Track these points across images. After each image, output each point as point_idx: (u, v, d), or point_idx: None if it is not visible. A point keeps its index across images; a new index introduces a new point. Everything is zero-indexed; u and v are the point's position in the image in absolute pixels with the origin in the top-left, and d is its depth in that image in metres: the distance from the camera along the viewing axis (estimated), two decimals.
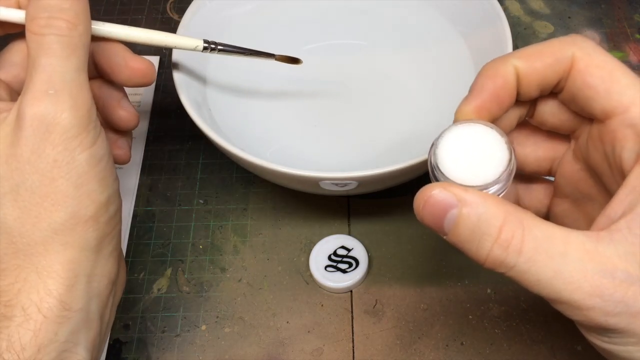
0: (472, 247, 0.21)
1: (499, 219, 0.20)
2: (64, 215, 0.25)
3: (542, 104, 0.25)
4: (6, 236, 0.24)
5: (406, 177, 0.34)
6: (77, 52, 0.25)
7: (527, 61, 0.23)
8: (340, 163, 0.39)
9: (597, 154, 0.24)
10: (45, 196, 0.24)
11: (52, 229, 0.24)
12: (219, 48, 0.34)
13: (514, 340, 0.35)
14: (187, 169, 0.42)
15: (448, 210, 0.21)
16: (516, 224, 0.20)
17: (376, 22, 0.44)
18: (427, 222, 0.22)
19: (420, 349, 0.35)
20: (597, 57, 0.23)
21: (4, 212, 0.24)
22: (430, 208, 0.22)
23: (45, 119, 0.24)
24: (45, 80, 0.24)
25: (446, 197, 0.21)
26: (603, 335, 0.21)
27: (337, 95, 0.43)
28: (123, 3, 0.52)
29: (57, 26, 0.25)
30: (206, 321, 0.36)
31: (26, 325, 0.24)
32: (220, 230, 0.40)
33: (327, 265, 0.37)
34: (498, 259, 0.20)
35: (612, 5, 0.50)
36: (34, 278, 0.24)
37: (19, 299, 0.24)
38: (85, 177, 0.25)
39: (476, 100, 0.24)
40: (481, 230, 0.21)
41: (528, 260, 0.20)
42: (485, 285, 0.37)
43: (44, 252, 0.24)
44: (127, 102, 0.32)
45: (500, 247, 0.20)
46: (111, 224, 0.27)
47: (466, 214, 0.21)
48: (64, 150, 0.24)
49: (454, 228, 0.21)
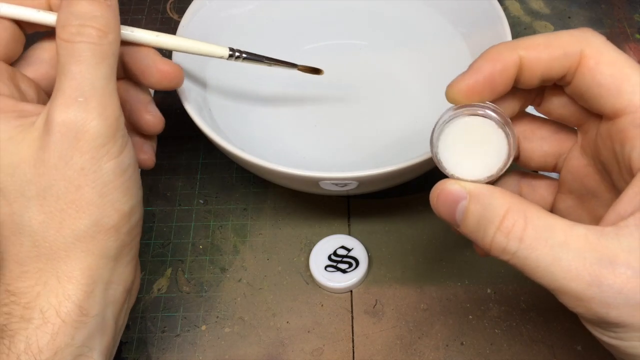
0: (479, 236, 0.22)
1: (502, 208, 0.21)
2: (87, 222, 0.25)
3: (550, 94, 0.25)
4: (30, 239, 0.25)
5: (406, 177, 0.34)
6: (107, 60, 0.25)
7: (533, 51, 0.23)
8: (340, 163, 0.39)
9: (606, 151, 0.24)
10: (70, 203, 0.25)
11: (74, 235, 0.25)
12: (243, 56, 0.34)
13: (514, 340, 0.35)
14: (187, 169, 0.42)
15: (458, 202, 0.23)
16: (519, 213, 0.21)
17: (376, 22, 0.44)
18: (442, 213, 0.23)
19: (420, 349, 0.35)
20: (608, 53, 0.22)
21: (30, 215, 0.25)
22: (443, 200, 0.23)
23: (74, 125, 0.24)
24: (74, 88, 0.24)
25: (456, 189, 0.23)
26: (608, 331, 0.21)
27: (337, 95, 0.43)
28: (123, 3, 0.52)
29: (88, 34, 0.25)
30: (206, 321, 0.36)
31: (44, 328, 0.24)
32: (220, 230, 0.40)
33: (327, 265, 0.37)
34: (500, 246, 0.21)
35: (612, 5, 0.50)
36: (54, 282, 0.25)
37: (38, 302, 0.24)
38: (110, 187, 0.25)
39: (470, 79, 0.24)
40: (486, 219, 0.22)
41: (528, 247, 0.21)
42: (485, 285, 0.37)
43: (65, 258, 0.25)
44: (153, 106, 0.32)
45: (502, 234, 0.21)
46: (132, 233, 0.27)
47: (473, 205, 0.22)
48: (91, 158, 0.25)
49: (463, 219, 0.23)
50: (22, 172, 0.24)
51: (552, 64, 0.23)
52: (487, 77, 0.23)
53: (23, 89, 0.28)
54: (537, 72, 0.23)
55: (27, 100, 0.28)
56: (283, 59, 0.36)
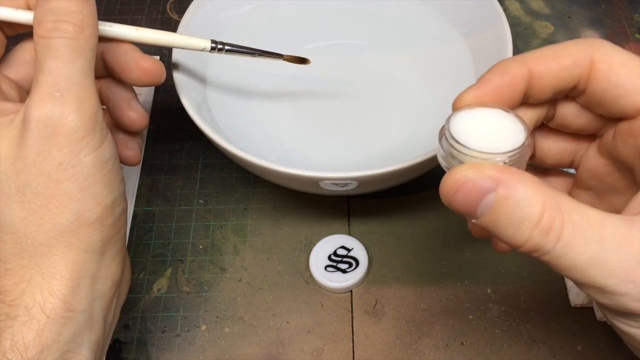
0: (509, 232, 0.20)
1: (538, 204, 0.20)
2: (68, 217, 0.25)
3: (563, 107, 0.25)
4: (12, 236, 0.24)
5: (406, 177, 0.34)
6: (84, 55, 0.25)
7: (542, 63, 0.23)
8: (340, 163, 0.39)
9: (627, 148, 0.23)
10: (50, 198, 0.24)
11: (56, 230, 0.25)
12: (226, 48, 0.34)
13: (514, 340, 0.35)
14: (187, 169, 0.42)
15: (485, 195, 0.20)
16: (556, 208, 0.20)
17: (376, 22, 0.44)
18: (457, 207, 0.21)
19: (420, 349, 0.35)
20: (618, 55, 0.22)
21: (10, 212, 0.24)
22: (465, 194, 0.20)
23: (51, 121, 0.24)
24: (51, 83, 0.24)
25: (483, 181, 0.20)
26: (630, 320, 0.21)
27: (337, 95, 0.43)
28: (123, 3, 0.52)
29: (64, 29, 0.25)
30: (206, 321, 0.36)
31: (30, 325, 0.24)
32: (220, 230, 0.40)
33: (327, 265, 0.37)
34: (537, 245, 0.20)
35: (612, 5, 0.50)
36: (38, 279, 0.24)
37: (23, 299, 0.24)
38: (90, 180, 0.25)
39: (477, 91, 0.23)
40: (520, 216, 0.20)
41: (566, 245, 0.20)
42: (485, 285, 0.37)
43: (48, 253, 0.25)
44: (137, 102, 0.32)
45: (541, 234, 0.20)
46: (116, 226, 0.27)
47: (505, 199, 0.20)
48: (70, 152, 0.24)
49: (490, 212, 0.20)
50: (1, 169, 0.24)
51: (562, 74, 0.23)
52: (495, 90, 0.23)
53: (5, 90, 0.28)
54: (549, 84, 0.23)
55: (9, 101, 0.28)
56: (267, 50, 0.35)
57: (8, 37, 0.30)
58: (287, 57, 0.36)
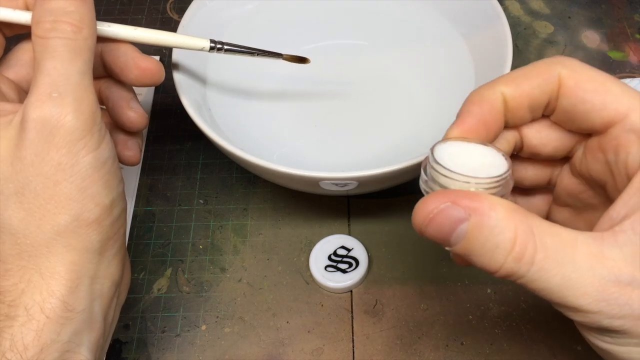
0: (484, 260, 0.20)
1: (510, 230, 0.20)
2: (67, 217, 0.25)
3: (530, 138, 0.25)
4: (11, 237, 0.24)
5: (406, 177, 0.34)
6: (82, 55, 0.25)
7: (513, 85, 0.23)
8: (340, 163, 0.39)
9: (597, 164, 0.24)
10: (48, 199, 0.24)
11: (55, 231, 0.25)
12: (225, 48, 0.33)
13: (514, 340, 0.35)
14: (187, 169, 0.42)
15: (457, 226, 0.20)
16: (528, 233, 0.20)
17: (376, 22, 0.44)
18: (431, 236, 0.21)
19: (420, 349, 0.35)
20: (585, 72, 0.23)
21: (9, 213, 0.24)
22: (437, 226, 0.21)
23: (49, 121, 0.24)
24: (49, 83, 0.24)
25: (456, 211, 0.20)
26: (604, 336, 0.21)
27: (337, 95, 0.43)
28: (123, 3, 0.52)
29: (61, 29, 0.25)
30: (206, 321, 0.36)
31: (29, 325, 0.24)
32: (220, 230, 0.40)
33: (327, 265, 0.37)
34: (511, 271, 0.20)
35: (612, 5, 0.50)
36: (38, 279, 0.24)
37: (22, 300, 0.24)
38: (89, 180, 0.25)
39: (463, 125, 0.23)
40: (494, 244, 0.20)
41: (539, 269, 0.20)
42: (485, 285, 0.37)
43: (47, 254, 0.25)
44: (136, 102, 0.32)
45: (514, 260, 0.20)
46: (115, 226, 0.27)
47: (477, 228, 0.20)
48: (68, 153, 0.24)
49: (464, 242, 0.20)
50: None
51: (534, 92, 0.23)
52: (479, 120, 0.23)
53: (4, 90, 0.28)
54: (524, 105, 0.24)
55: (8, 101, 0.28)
56: (267, 49, 0.35)
57: (7, 37, 0.30)
58: (286, 57, 0.36)
